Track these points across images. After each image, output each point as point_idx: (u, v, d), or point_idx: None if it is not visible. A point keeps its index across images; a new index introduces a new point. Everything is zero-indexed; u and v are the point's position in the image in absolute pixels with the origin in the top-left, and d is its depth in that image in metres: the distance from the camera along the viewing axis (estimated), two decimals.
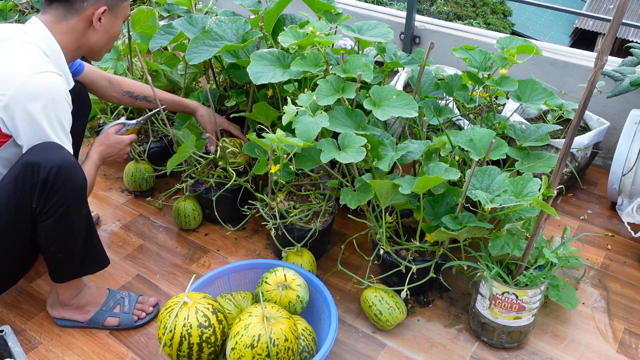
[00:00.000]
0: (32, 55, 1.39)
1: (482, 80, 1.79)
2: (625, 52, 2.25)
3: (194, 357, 1.37)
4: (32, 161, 1.36)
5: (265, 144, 1.60)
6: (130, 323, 1.69)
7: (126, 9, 1.57)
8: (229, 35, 1.86)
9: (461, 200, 1.52)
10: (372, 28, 1.85)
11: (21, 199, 1.38)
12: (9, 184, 1.38)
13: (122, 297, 1.72)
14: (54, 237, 1.45)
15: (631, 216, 1.96)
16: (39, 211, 1.40)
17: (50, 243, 1.47)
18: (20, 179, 1.37)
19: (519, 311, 1.54)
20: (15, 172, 1.38)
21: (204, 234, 2.09)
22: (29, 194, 1.38)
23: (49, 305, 1.70)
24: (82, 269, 1.59)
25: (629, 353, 1.64)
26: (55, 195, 1.39)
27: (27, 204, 1.39)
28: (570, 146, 1.32)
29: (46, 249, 1.48)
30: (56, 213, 1.41)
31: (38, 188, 1.37)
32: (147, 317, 1.72)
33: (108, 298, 1.71)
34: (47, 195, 1.38)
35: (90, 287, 1.70)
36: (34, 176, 1.36)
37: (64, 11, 1.45)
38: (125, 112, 2.26)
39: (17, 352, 1.32)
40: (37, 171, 1.36)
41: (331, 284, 1.86)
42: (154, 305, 1.75)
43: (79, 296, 1.66)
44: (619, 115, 2.33)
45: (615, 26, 1.13)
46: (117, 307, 1.70)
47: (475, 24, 12.41)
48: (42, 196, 1.38)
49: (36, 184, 1.36)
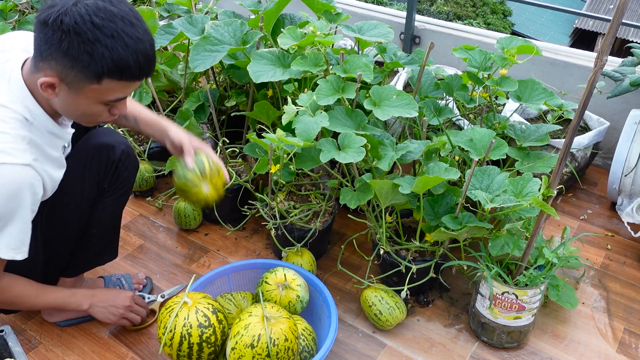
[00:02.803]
0: (1, 135, 1.17)
1: (482, 80, 1.79)
2: (625, 52, 2.26)
3: (194, 357, 1.37)
4: (106, 143, 1.46)
5: (265, 144, 1.60)
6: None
7: (97, 92, 1.17)
8: (227, 38, 1.85)
9: (461, 200, 1.52)
10: (372, 28, 1.85)
11: (93, 179, 1.45)
12: (80, 165, 1.42)
13: (118, 279, 1.77)
14: (106, 216, 1.55)
15: (631, 216, 1.96)
16: (107, 189, 1.49)
17: (98, 224, 1.53)
18: (94, 160, 1.44)
19: (519, 311, 1.54)
20: (87, 154, 1.43)
21: (204, 234, 2.09)
22: (102, 173, 1.46)
23: (48, 314, 1.68)
24: (100, 258, 1.66)
25: (628, 353, 1.64)
26: (123, 173, 1.50)
27: (96, 183, 1.46)
28: (570, 146, 1.32)
29: (89, 231, 1.52)
30: (118, 192, 1.52)
31: (112, 169, 1.47)
32: (144, 288, 1.80)
33: (106, 284, 1.75)
34: (118, 174, 1.49)
35: (86, 279, 1.72)
36: (110, 156, 1.46)
37: (33, 63, 1.19)
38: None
39: (17, 352, 1.32)
40: (112, 152, 1.46)
41: (331, 284, 1.86)
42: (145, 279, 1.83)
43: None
44: (619, 115, 2.33)
45: (615, 26, 1.13)
46: (118, 288, 1.74)
47: (475, 24, 12.41)
48: (114, 175, 1.48)
49: (111, 163, 1.46)
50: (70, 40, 1.09)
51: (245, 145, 1.82)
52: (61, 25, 1.08)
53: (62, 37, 1.09)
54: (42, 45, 1.13)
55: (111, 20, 1.10)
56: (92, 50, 1.10)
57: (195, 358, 1.37)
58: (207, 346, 1.37)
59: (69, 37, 1.09)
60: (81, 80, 1.14)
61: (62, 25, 1.08)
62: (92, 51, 1.10)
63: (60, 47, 1.10)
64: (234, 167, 2.08)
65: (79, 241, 1.55)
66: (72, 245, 1.55)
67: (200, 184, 1.40)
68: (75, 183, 1.43)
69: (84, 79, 1.13)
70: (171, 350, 1.37)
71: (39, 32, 1.13)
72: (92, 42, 1.09)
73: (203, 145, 1.55)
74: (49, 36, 1.10)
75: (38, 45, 1.14)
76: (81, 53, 1.10)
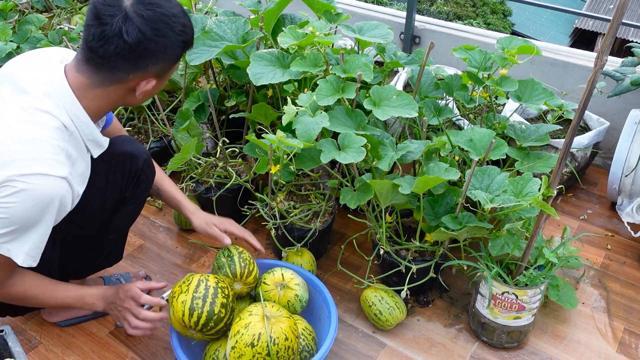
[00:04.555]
0: (40, 142, 1.19)
1: (482, 80, 1.79)
2: (626, 52, 2.26)
3: (209, 300, 1.37)
4: (129, 152, 1.48)
5: (265, 145, 1.60)
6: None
7: (175, 68, 1.35)
8: (228, 35, 1.86)
9: (461, 200, 1.52)
10: (372, 28, 1.85)
11: (115, 189, 1.47)
12: (104, 175, 1.43)
13: (117, 278, 1.79)
14: (124, 224, 1.59)
15: (631, 216, 1.96)
16: (128, 198, 1.51)
17: (115, 230, 1.56)
18: (117, 171, 1.46)
19: (519, 311, 1.54)
20: (111, 164, 1.44)
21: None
22: (124, 184, 1.48)
23: (48, 314, 1.68)
24: (107, 261, 1.68)
25: (628, 353, 1.64)
26: (143, 182, 1.53)
27: (119, 193, 1.48)
28: (570, 146, 1.32)
29: (106, 237, 1.54)
30: (138, 199, 1.55)
31: (135, 178, 1.49)
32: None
33: (106, 283, 1.76)
34: (139, 183, 1.51)
35: (87, 279, 1.73)
36: (133, 166, 1.48)
37: (102, 78, 1.24)
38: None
39: (17, 352, 1.33)
40: (135, 161, 1.48)
41: (331, 284, 1.86)
42: (145, 277, 1.84)
43: None
44: (619, 115, 2.33)
45: (615, 26, 1.13)
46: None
47: (475, 24, 12.41)
48: (136, 184, 1.51)
49: (134, 173, 1.49)
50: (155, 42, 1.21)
51: (245, 145, 1.82)
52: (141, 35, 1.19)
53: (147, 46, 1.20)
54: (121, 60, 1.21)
55: (159, 5, 1.22)
56: (172, 37, 1.23)
57: (210, 302, 1.37)
58: (222, 295, 1.40)
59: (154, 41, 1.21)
60: (170, 67, 1.30)
61: (141, 34, 1.19)
62: (172, 39, 1.24)
63: (153, 52, 1.22)
64: (234, 167, 2.08)
65: (93, 246, 1.55)
66: (87, 251, 1.55)
67: (233, 284, 1.51)
68: (99, 192, 1.42)
69: (172, 65, 1.29)
70: (186, 297, 1.37)
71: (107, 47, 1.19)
72: (167, 32, 1.22)
73: (227, 223, 1.70)
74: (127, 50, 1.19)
75: (107, 60, 1.20)
76: (169, 46, 1.24)
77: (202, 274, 1.44)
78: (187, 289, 1.39)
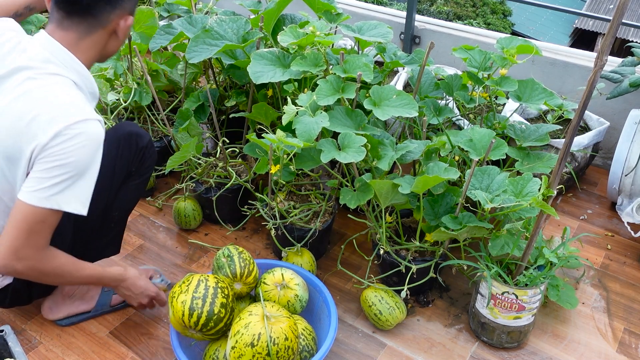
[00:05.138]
0: (70, 96, 1.28)
1: (482, 80, 1.79)
2: (626, 52, 2.26)
3: (209, 300, 1.37)
4: (135, 131, 1.61)
5: (265, 144, 1.60)
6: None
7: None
8: (229, 34, 1.86)
9: (461, 200, 1.52)
10: (372, 28, 1.85)
11: (124, 163, 1.58)
12: (114, 149, 1.54)
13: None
14: (128, 200, 1.66)
15: (631, 216, 1.96)
16: (133, 174, 1.62)
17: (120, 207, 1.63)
18: (125, 145, 1.58)
19: (519, 311, 1.54)
20: (120, 140, 1.57)
21: (204, 234, 2.09)
22: (131, 158, 1.59)
23: (48, 309, 1.69)
24: (106, 249, 1.71)
25: (628, 353, 1.64)
26: (147, 160, 1.64)
27: (126, 165, 1.59)
28: (570, 146, 1.32)
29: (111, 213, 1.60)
30: (142, 176, 1.65)
31: (140, 154, 1.61)
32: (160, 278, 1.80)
33: None
34: (143, 160, 1.63)
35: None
36: (139, 143, 1.60)
37: (87, 26, 1.31)
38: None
39: (17, 352, 1.33)
40: (140, 139, 1.60)
41: (331, 284, 1.86)
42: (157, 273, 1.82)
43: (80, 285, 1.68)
44: (618, 115, 2.33)
45: (615, 26, 1.13)
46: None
47: (475, 24, 12.41)
48: (141, 161, 1.62)
49: (140, 149, 1.60)
50: None
51: (245, 145, 1.82)
52: None
53: None
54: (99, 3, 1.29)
55: None
56: None
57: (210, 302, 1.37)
58: (222, 295, 1.40)
59: None
60: (135, 4, 1.38)
61: None
62: None
63: None
64: (234, 167, 2.08)
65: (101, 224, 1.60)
66: (94, 230, 1.59)
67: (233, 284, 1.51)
68: (109, 165, 1.50)
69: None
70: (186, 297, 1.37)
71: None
72: None
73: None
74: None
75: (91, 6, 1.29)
76: None
77: (202, 274, 1.44)
78: (187, 289, 1.39)
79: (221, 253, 1.54)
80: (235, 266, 1.49)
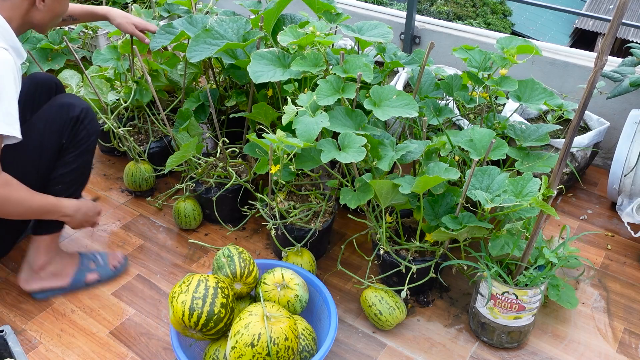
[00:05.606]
0: None
1: (482, 80, 1.79)
2: (625, 52, 2.26)
3: (208, 300, 1.37)
4: (67, 102, 1.64)
5: (265, 144, 1.60)
6: (109, 273, 1.85)
7: None
8: (229, 34, 1.86)
9: (461, 200, 1.52)
10: (372, 28, 1.85)
11: (54, 134, 1.61)
12: (42, 121, 1.58)
13: (93, 255, 1.87)
14: (69, 172, 1.67)
15: (631, 216, 1.96)
16: (66, 146, 1.64)
17: (62, 180, 1.66)
18: (55, 117, 1.61)
19: (519, 311, 1.54)
20: (50, 111, 1.61)
21: (204, 234, 2.09)
22: (62, 130, 1.62)
23: (24, 281, 1.75)
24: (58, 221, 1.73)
25: (628, 353, 1.64)
26: (81, 132, 1.65)
27: (58, 138, 1.62)
28: (570, 146, 1.32)
29: (53, 187, 1.64)
30: (80, 147, 1.67)
31: (70, 124, 1.63)
32: (121, 267, 1.89)
33: (81, 258, 1.84)
34: (77, 131, 1.64)
35: (63, 253, 1.80)
36: (69, 113, 1.62)
37: None
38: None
39: (17, 352, 1.33)
40: (72, 110, 1.63)
41: (331, 284, 1.86)
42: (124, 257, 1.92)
43: (54, 261, 1.76)
44: (619, 115, 2.33)
45: (615, 26, 1.13)
46: (92, 264, 1.84)
47: (475, 24, 12.41)
48: (73, 131, 1.64)
49: (69, 120, 1.62)
50: None
51: (245, 145, 1.82)
52: None
53: None
54: None
55: None
56: None
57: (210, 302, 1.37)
58: (222, 295, 1.40)
59: None
60: None
61: None
62: None
63: None
64: (234, 167, 2.08)
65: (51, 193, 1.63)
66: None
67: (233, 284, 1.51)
68: (36, 137, 1.55)
69: None
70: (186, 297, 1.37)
71: None
72: None
73: (143, 22, 2.04)
74: None
75: None
76: None
77: (202, 274, 1.44)
78: (187, 289, 1.39)
79: (221, 253, 1.54)
80: (235, 266, 1.49)
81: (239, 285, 1.51)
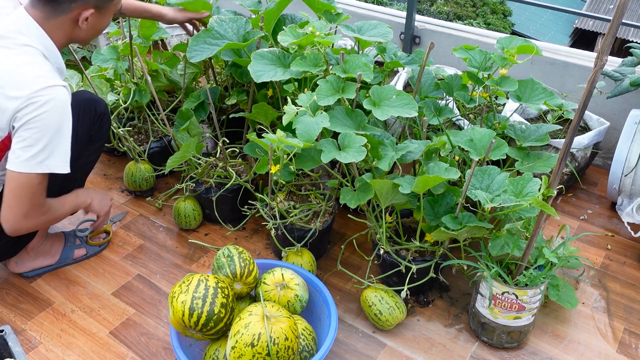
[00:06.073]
0: (37, 64, 1.44)
1: (482, 80, 1.79)
2: (625, 52, 2.26)
3: (208, 300, 1.37)
4: (92, 98, 1.77)
5: (265, 144, 1.60)
6: (95, 248, 1.96)
7: (116, 5, 1.58)
8: (229, 34, 1.86)
9: (461, 200, 1.52)
10: (372, 28, 1.85)
11: (85, 127, 1.73)
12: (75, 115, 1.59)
13: (80, 231, 1.98)
14: (89, 162, 1.83)
15: (631, 216, 1.96)
16: (94, 137, 1.78)
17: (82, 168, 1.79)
18: (86, 111, 1.72)
19: (519, 311, 1.54)
20: (80, 106, 1.68)
21: (204, 234, 2.09)
22: (92, 123, 1.75)
23: (15, 264, 1.83)
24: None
25: (628, 353, 1.64)
26: (104, 125, 1.81)
27: (89, 130, 1.75)
28: (570, 146, 1.32)
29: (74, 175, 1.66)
30: (101, 140, 1.83)
31: (98, 118, 1.77)
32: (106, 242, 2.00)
33: (67, 236, 1.94)
34: (100, 124, 1.79)
35: (49, 234, 1.91)
36: (97, 109, 1.76)
37: (51, 10, 1.46)
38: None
39: (17, 352, 1.33)
40: (98, 105, 1.77)
41: (331, 284, 1.86)
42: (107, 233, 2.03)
43: (44, 241, 1.86)
44: (619, 115, 2.33)
45: (615, 26, 1.13)
46: (78, 240, 1.95)
47: (475, 24, 12.41)
48: (99, 125, 1.78)
49: (98, 115, 1.76)
50: None
51: (245, 145, 1.82)
52: None
53: None
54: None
55: None
56: None
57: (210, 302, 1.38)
58: (222, 295, 1.40)
59: None
60: (107, 2, 1.52)
61: None
62: None
63: None
64: (234, 167, 2.08)
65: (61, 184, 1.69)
66: (57, 189, 1.67)
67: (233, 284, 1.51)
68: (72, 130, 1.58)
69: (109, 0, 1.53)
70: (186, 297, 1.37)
71: None
72: None
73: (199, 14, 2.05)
74: None
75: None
76: None
77: (202, 274, 1.44)
78: (187, 289, 1.39)
79: (221, 253, 1.54)
80: (235, 266, 1.49)
81: (239, 285, 1.51)
